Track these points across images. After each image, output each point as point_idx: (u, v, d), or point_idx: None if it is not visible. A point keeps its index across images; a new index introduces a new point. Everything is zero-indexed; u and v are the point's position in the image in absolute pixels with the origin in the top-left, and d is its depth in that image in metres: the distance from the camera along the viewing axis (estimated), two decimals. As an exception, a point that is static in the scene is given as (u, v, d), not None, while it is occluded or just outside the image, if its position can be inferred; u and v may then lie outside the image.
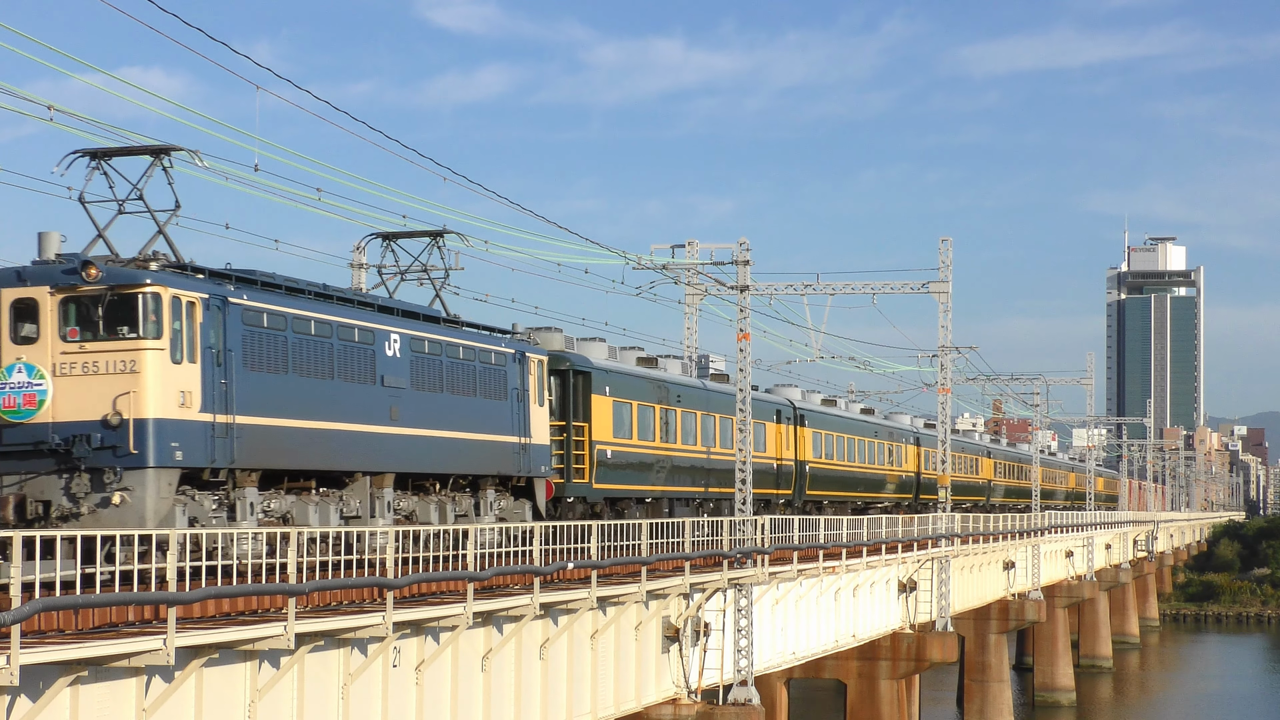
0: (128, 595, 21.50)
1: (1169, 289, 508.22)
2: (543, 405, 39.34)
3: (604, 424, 45.43)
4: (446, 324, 36.19)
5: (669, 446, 50.49)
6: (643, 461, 48.36)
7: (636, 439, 47.81)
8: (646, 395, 48.89)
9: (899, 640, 60.34)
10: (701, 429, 53.47)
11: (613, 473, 46.00)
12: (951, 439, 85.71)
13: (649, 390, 49.29)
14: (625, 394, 47.04)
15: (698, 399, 53.59)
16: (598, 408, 45.05)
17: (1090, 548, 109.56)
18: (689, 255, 54.70)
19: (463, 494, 36.37)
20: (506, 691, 32.19)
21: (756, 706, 43.15)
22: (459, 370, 35.51)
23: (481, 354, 36.71)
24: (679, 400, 51.76)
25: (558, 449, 42.99)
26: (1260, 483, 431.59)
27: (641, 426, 48.36)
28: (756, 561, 43.44)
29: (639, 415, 48.10)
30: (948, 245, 63.24)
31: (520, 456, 38.13)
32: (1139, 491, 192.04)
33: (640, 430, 48.22)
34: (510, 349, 38.15)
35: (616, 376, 46.57)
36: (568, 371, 44.54)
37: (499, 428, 37.24)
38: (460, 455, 35.66)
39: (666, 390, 50.90)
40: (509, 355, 38.04)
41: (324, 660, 26.32)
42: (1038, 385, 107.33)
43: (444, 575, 28.75)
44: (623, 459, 46.66)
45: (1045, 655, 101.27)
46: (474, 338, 36.69)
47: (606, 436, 45.45)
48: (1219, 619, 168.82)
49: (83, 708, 21.30)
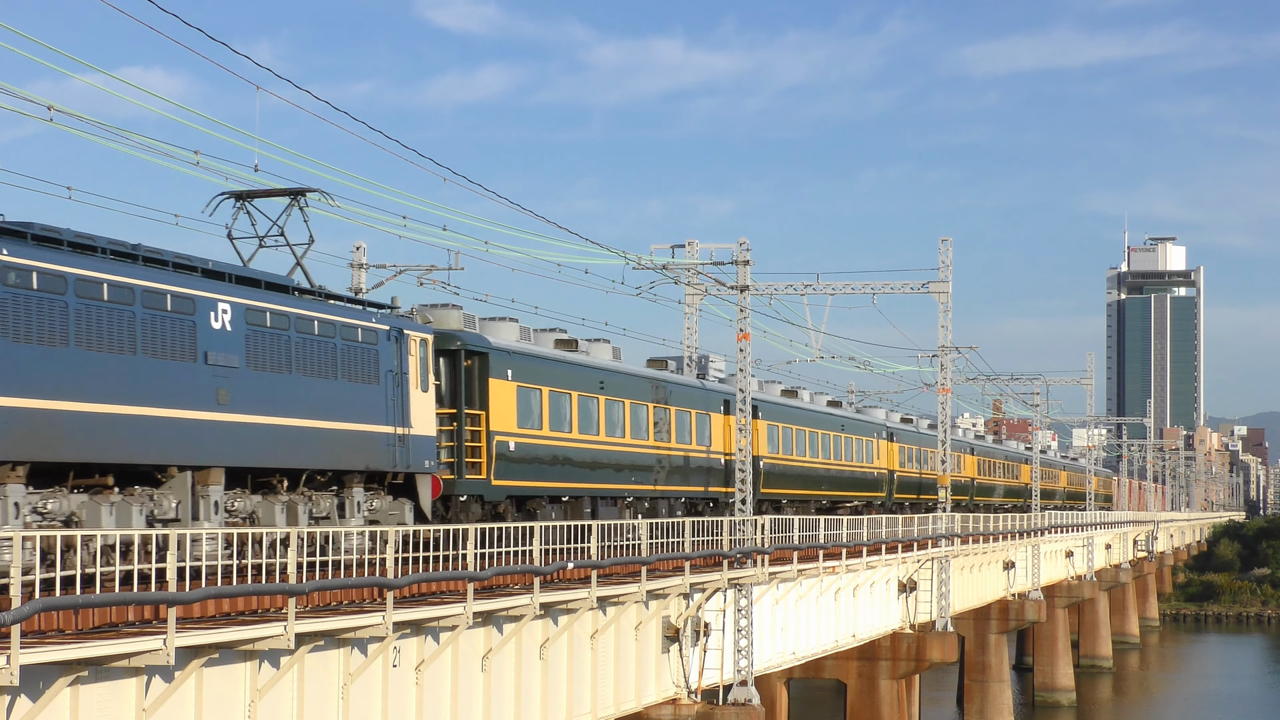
0: (128, 595, 21.49)
1: (1169, 289, 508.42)
2: (427, 390, 34.61)
3: (505, 412, 40.14)
4: (304, 295, 31.29)
5: (592, 439, 45.20)
6: (556, 455, 43.02)
7: (548, 429, 42.49)
8: (562, 381, 43.63)
9: (899, 640, 60.35)
10: (633, 419, 47.97)
11: (517, 467, 40.64)
12: (927, 435, 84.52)
13: (566, 375, 43.96)
14: (534, 379, 41.86)
15: (630, 387, 48.25)
16: (497, 394, 39.79)
17: (1090, 548, 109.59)
18: (689, 255, 54.71)
19: (323, 493, 31.59)
20: (506, 691, 32.20)
21: (756, 706, 43.16)
22: (314, 348, 30.53)
23: (345, 330, 31.75)
24: (603, 387, 46.31)
25: (449, 441, 38.15)
26: (1260, 483, 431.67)
27: (555, 415, 43.08)
28: (756, 561, 43.45)
29: (551, 403, 42.86)
30: (948, 245, 63.25)
31: (396, 449, 33.32)
32: (1138, 491, 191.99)
33: (553, 420, 42.95)
34: (384, 325, 33.22)
35: (522, 359, 41.42)
36: (458, 352, 39.11)
37: (368, 415, 32.43)
38: (315, 447, 30.66)
39: (589, 376, 45.50)
40: (382, 333, 33.07)
41: (324, 660, 26.33)
42: (1038, 385, 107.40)
43: (444, 575, 28.75)
44: (530, 452, 41.35)
45: (1045, 655, 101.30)
46: (335, 311, 31.56)
47: (509, 426, 40.17)
48: (1219, 619, 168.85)
49: (83, 708, 21.30)
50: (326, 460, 31.12)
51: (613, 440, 46.61)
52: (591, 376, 45.65)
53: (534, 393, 41.95)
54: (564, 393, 43.60)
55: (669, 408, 50.66)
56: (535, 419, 41.88)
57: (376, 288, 46.86)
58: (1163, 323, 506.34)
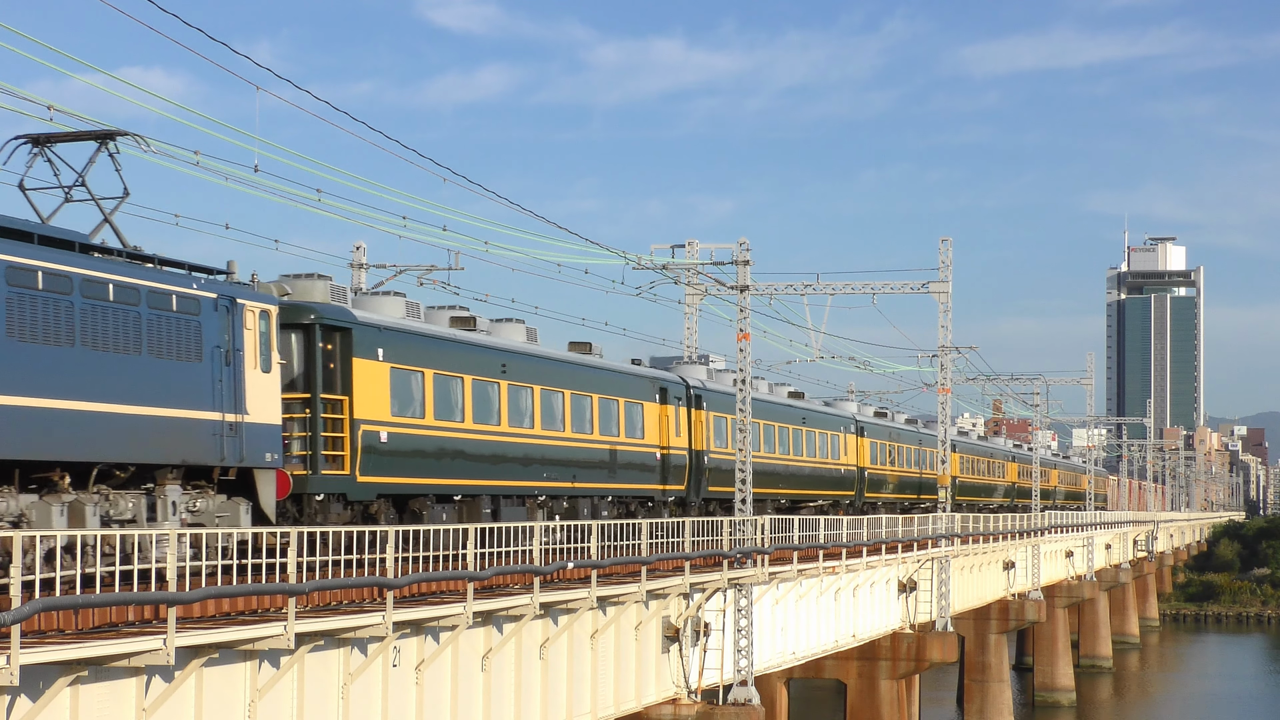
0: (128, 595, 21.49)
1: (1169, 289, 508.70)
2: (269, 371, 29.63)
3: (376, 397, 34.73)
4: (98, 255, 26.46)
5: (491, 429, 39.73)
6: (445, 448, 37.73)
7: (433, 418, 37.17)
8: (453, 363, 38.17)
9: (899, 640, 60.36)
10: (545, 408, 42.69)
11: (392, 461, 35.24)
12: (903, 430, 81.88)
13: (457, 357, 38.45)
14: (414, 360, 36.44)
15: (542, 371, 42.81)
16: (365, 376, 34.39)
17: (1090, 548, 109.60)
18: (689, 255, 54.73)
19: (127, 491, 26.83)
20: (506, 691, 32.20)
21: (756, 706, 43.16)
22: (108, 316, 25.74)
23: (153, 296, 26.71)
24: (506, 371, 40.68)
25: (303, 430, 32.97)
26: (1260, 483, 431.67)
27: (443, 402, 37.75)
28: (756, 561, 43.45)
29: (438, 388, 37.45)
30: (948, 245, 63.27)
31: (226, 440, 28.30)
32: (1137, 492, 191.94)
33: (441, 407, 37.59)
34: (209, 292, 28.12)
35: (397, 337, 35.95)
36: (312, 328, 33.30)
37: (185, 399, 27.44)
38: (108, 436, 25.93)
39: (487, 358, 39.99)
40: (206, 301, 27.96)
41: (324, 660, 26.33)
42: (1038, 385, 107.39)
43: (444, 575, 28.76)
44: (409, 444, 36.00)
45: (1045, 655, 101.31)
46: (141, 274, 26.67)
47: (380, 414, 34.81)
48: (1219, 619, 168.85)
49: (83, 708, 21.30)
50: (126, 452, 26.38)
51: (519, 431, 41.12)
52: (491, 359, 40.21)
53: (414, 376, 36.59)
54: (454, 376, 38.25)
55: (591, 395, 45.29)
56: (416, 406, 36.58)
57: (377, 287, 46.87)
58: (1163, 323, 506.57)
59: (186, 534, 23.12)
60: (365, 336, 34.74)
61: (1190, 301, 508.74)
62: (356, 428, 34.00)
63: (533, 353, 42.83)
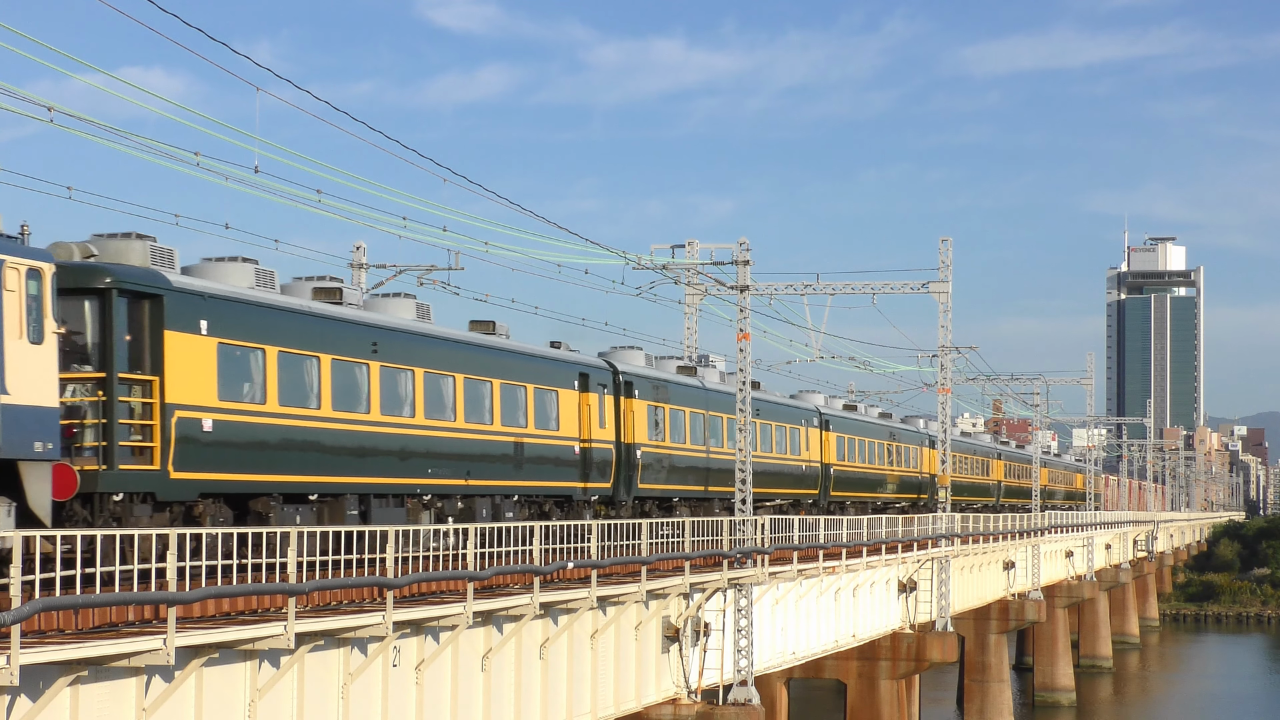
0: (128, 595, 21.49)
1: (1169, 289, 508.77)
2: (40, 342, 24.67)
3: (197, 378, 29.63)
4: None
5: (358, 418, 34.57)
6: (292, 439, 32.48)
7: (277, 404, 32.00)
8: (304, 340, 32.86)
9: (899, 640, 60.37)
10: (429, 394, 37.06)
11: (220, 454, 30.10)
12: (875, 424, 77.18)
13: (311, 332, 33.19)
14: (251, 335, 31.35)
15: (426, 352, 37.12)
16: (182, 352, 29.15)
17: (1090, 548, 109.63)
18: (689, 255, 54.73)
19: None
20: (506, 691, 32.20)
21: (756, 706, 43.17)
22: None
23: None
24: (377, 351, 35.18)
25: (96, 416, 27.59)
26: (1260, 483, 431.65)
27: (292, 386, 32.45)
28: (756, 561, 43.46)
29: (284, 368, 32.24)
30: (948, 245, 63.28)
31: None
32: (1137, 491, 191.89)
33: (289, 392, 32.36)
34: None
35: (228, 307, 30.73)
36: (108, 292, 27.95)
37: None
38: None
39: (353, 335, 34.52)
40: None
41: (324, 660, 26.33)
42: (1038, 385, 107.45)
43: (444, 575, 28.77)
44: (244, 434, 31.00)
45: (1045, 655, 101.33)
46: None
47: (203, 398, 29.77)
48: (1219, 619, 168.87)
49: (83, 708, 21.30)
50: None
51: (395, 421, 35.59)
52: (357, 336, 34.55)
53: (252, 354, 31.51)
54: (307, 355, 32.99)
55: (491, 380, 39.64)
56: (255, 389, 31.52)
57: (376, 287, 46.90)
58: (1163, 323, 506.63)
59: (187, 534, 23.11)
60: (182, 305, 29.24)
61: (1190, 301, 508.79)
62: (169, 413, 28.60)
63: (414, 330, 36.85)
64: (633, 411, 47.79)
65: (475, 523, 33.52)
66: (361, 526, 29.04)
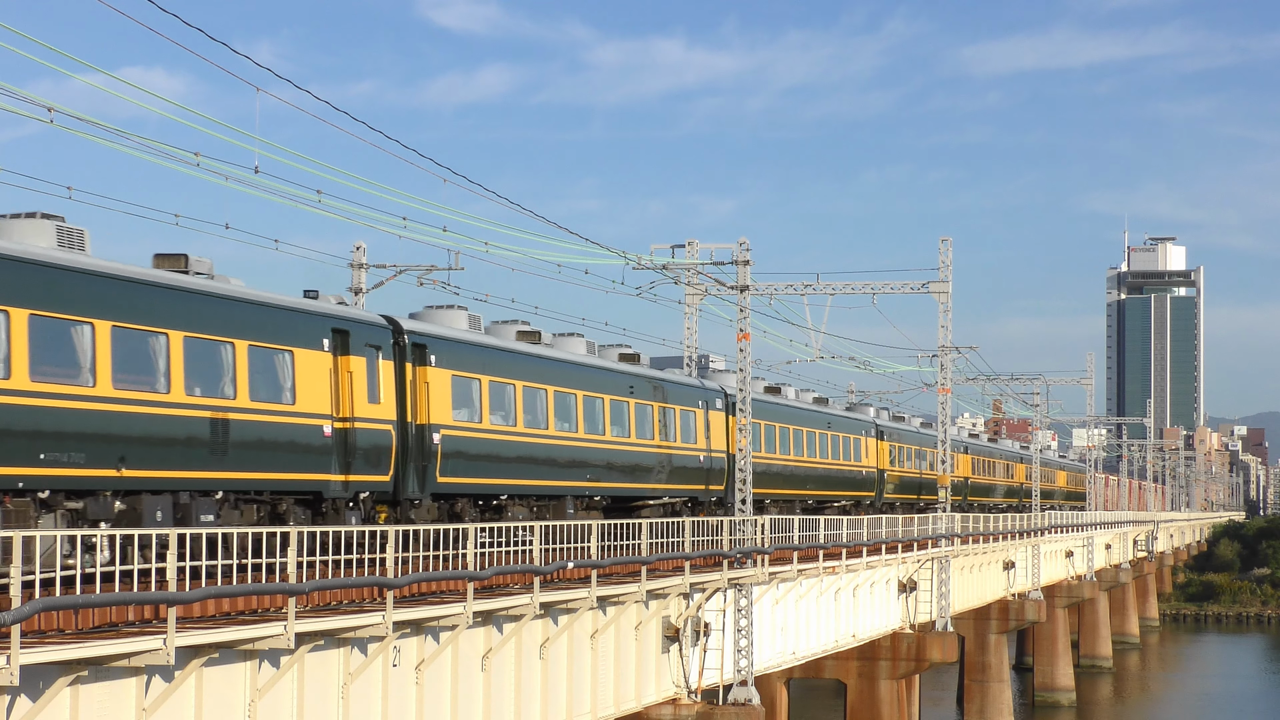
0: (128, 595, 21.48)
1: (1169, 289, 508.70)
2: None
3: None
4: None
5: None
6: None
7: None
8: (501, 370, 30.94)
9: (899, 640, 60.35)
10: (50, 348, 26.08)
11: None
12: (806, 412, 66.54)
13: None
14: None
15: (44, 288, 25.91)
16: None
17: (1090, 548, 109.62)
18: (689, 255, 54.68)
19: None
20: (506, 691, 32.20)
21: (756, 706, 43.16)
22: None
23: None
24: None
25: None
26: (1260, 483, 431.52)
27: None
28: (756, 561, 43.45)
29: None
30: (948, 245, 63.24)
31: None
32: (1137, 492, 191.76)
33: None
34: None
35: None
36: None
37: None
38: None
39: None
40: None
41: (324, 660, 26.33)
42: (1038, 385, 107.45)
43: (444, 575, 28.74)
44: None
45: (1045, 655, 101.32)
46: None
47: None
48: (1219, 619, 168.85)
49: (83, 708, 21.30)
50: None
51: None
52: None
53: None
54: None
55: (164, 332, 28.53)
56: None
57: (377, 287, 46.91)
58: (1163, 323, 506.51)
59: (186, 534, 23.11)
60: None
61: (1190, 301, 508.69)
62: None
63: (23, 257, 25.80)
64: (428, 383, 36.73)
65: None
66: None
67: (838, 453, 68.21)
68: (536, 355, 42.04)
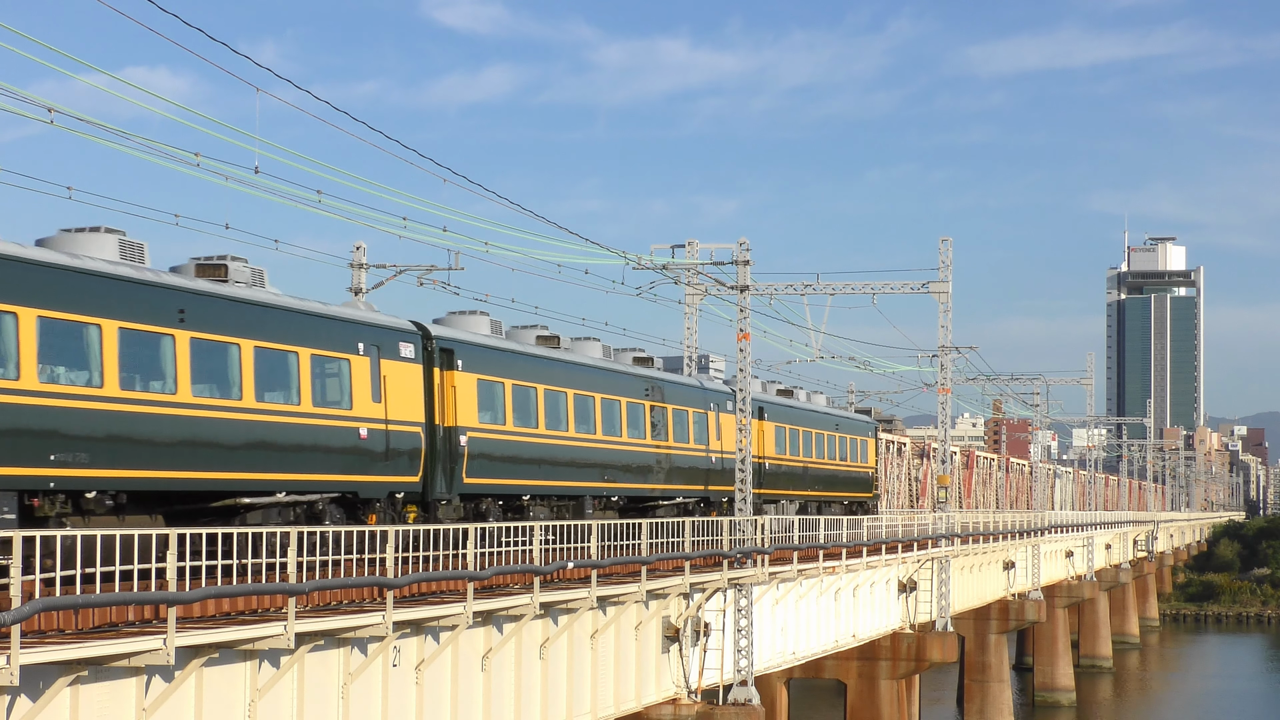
0: (128, 595, 21.47)
1: (1169, 289, 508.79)
2: None
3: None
4: None
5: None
6: None
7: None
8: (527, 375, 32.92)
9: (899, 640, 60.35)
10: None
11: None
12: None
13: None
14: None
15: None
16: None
17: (1090, 548, 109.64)
18: (689, 255, 54.69)
19: None
20: (506, 691, 32.20)
21: (756, 706, 43.16)
22: None
23: None
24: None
25: None
26: (1260, 483, 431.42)
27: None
28: (756, 561, 43.44)
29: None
30: (948, 245, 63.24)
31: None
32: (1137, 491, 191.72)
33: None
34: None
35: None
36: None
37: None
38: None
39: None
40: None
41: (324, 660, 26.32)
42: (1038, 385, 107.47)
43: (444, 575, 28.73)
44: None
45: (1045, 655, 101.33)
46: None
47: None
48: (1219, 619, 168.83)
49: (83, 708, 21.30)
50: None
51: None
52: None
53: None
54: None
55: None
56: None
57: (376, 287, 46.90)
58: (1163, 323, 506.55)
59: (186, 533, 23.11)
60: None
61: (1190, 301, 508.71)
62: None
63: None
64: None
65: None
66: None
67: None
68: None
